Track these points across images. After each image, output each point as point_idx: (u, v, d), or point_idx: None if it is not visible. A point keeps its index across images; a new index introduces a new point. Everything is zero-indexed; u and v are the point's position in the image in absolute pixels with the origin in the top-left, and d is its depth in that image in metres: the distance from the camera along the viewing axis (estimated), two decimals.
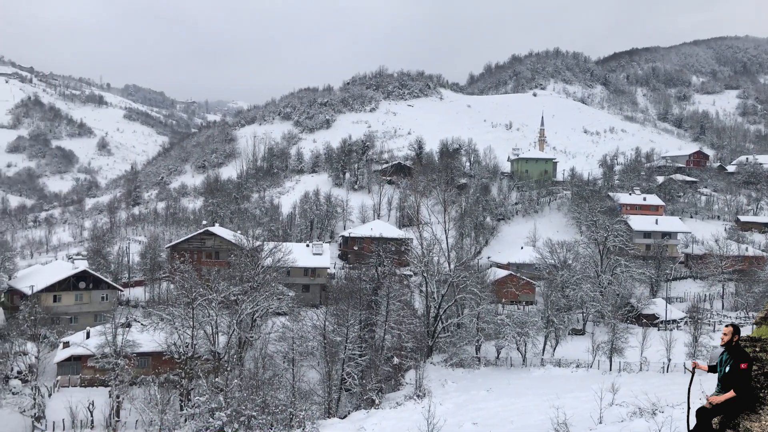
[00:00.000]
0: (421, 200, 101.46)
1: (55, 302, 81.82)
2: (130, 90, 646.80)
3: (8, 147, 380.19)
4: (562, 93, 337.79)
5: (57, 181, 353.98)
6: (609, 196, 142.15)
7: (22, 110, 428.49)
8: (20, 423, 53.53)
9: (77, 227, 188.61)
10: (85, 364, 64.69)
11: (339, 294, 71.28)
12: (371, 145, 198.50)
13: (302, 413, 47.55)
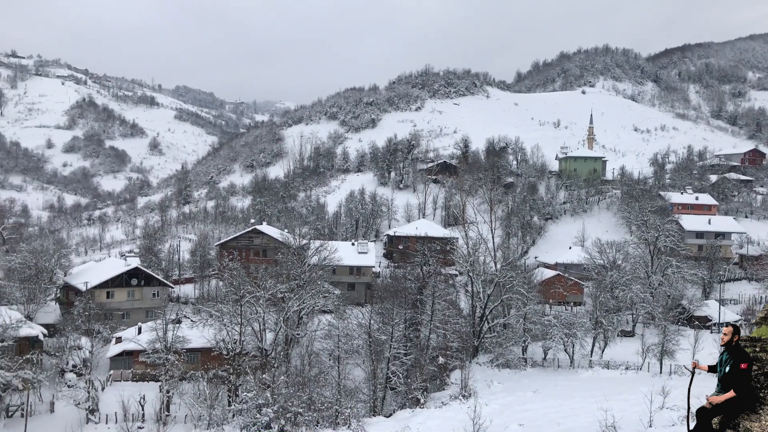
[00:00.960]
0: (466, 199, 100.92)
1: (108, 298, 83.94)
2: (180, 91, 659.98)
3: (64, 147, 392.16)
4: (612, 90, 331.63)
5: (110, 180, 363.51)
6: (660, 196, 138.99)
7: (77, 111, 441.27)
8: (75, 415, 55.14)
9: (130, 225, 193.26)
10: (136, 359, 66.24)
11: (384, 293, 71.40)
12: (416, 144, 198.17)
13: (348, 411, 47.83)
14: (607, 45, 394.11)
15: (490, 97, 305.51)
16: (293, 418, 46.52)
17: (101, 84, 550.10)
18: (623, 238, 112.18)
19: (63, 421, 52.65)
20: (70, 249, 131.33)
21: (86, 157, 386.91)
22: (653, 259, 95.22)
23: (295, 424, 45.98)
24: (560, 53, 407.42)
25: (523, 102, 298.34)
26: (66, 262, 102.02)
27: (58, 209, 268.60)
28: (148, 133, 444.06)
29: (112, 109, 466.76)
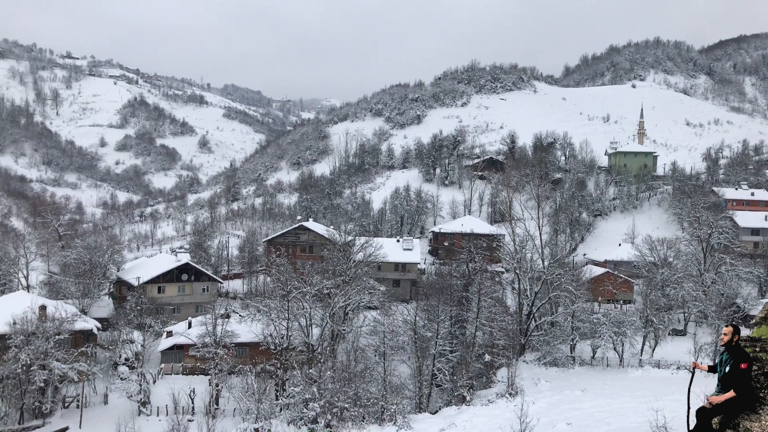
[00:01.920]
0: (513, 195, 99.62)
1: (160, 293, 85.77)
2: (228, 90, 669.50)
3: (117, 145, 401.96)
4: (663, 84, 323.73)
5: (161, 177, 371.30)
6: (713, 191, 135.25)
7: (129, 110, 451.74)
8: (128, 407, 56.57)
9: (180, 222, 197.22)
10: (186, 352, 67.55)
11: (429, 289, 71.28)
12: (462, 140, 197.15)
13: (393, 407, 47.93)
14: (658, 37, 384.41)
15: (537, 92, 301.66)
16: (339, 413, 46.85)
17: (152, 83, 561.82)
18: (675, 235, 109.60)
19: (116, 412, 54.04)
20: (122, 245, 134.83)
21: (138, 155, 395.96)
22: (706, 256, 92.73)
23: (342, 420, 46.30)
24: (609, 46, 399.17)
25: (572, 96, 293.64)
26: (119, 258, 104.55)
27: (111, 206, 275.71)
28: (197, 131, 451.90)
29: (162, 108, 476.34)
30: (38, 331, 53.71)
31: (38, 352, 52.24)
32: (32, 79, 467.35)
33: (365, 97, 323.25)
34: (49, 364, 52.52)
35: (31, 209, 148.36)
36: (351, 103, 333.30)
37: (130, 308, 73.73)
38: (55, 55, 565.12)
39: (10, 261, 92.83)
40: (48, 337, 53.61)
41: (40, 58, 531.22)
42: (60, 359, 53.66)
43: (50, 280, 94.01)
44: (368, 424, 46.04)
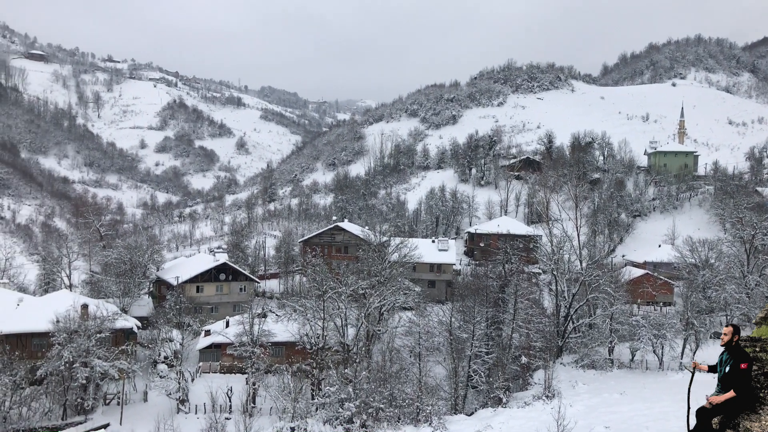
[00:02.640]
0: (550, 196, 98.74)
1: (198, 292, 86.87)
2: (265, 91, 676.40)
3: (156, 147, 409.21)
4: (704, 82, 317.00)
5: (200, 178, 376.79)
6: (757, 191, 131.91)
7: (168, 113, 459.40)
8: (167, 405, 57.43)
9: (218, 222, 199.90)
10: (224, 351, 68.30)
11: (465, 290, 70.85)
12: (498, 140, 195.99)
13: (429, 408, 47.76)
14: (699, 35, 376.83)
15: (575, 91, 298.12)
16: (375, 413, 46.86)
17: (191, 86, 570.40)
18: (716, 236, 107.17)
19: (155, 410, 54.89)
20: (162, 245, 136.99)
21: (177, 156, 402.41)
22: (749, 258, 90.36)
23: (377, 420, 46.30)
24: (649, 44, 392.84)
25: (610, 96, 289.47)
26: (158, 258, 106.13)
27: (151, 207, 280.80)
28: (235, 133, 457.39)
29: (201, 110, 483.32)
30: (80, 330, 54.79)
31: (80, 350, 53.30)
32: (75, 83, 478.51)
33: (400, 98, 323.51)
34: (91, 361, 53.56)
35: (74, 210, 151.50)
36: (386, 103, 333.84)
37: (169, 307, 74.77)
38: (97, 58, 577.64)
39: (54, 261, 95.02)
40: (90, 336, 54.66)
41: (83, 62, 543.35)
42: (101, 357, 54.68)
43: (92, 279, 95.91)
44: (403, 425, 45.95)
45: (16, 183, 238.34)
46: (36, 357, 57.65)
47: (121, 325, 63.55)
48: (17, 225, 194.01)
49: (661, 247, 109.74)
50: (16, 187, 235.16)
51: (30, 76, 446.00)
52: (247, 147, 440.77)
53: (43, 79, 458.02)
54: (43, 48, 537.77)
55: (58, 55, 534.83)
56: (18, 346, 59.40)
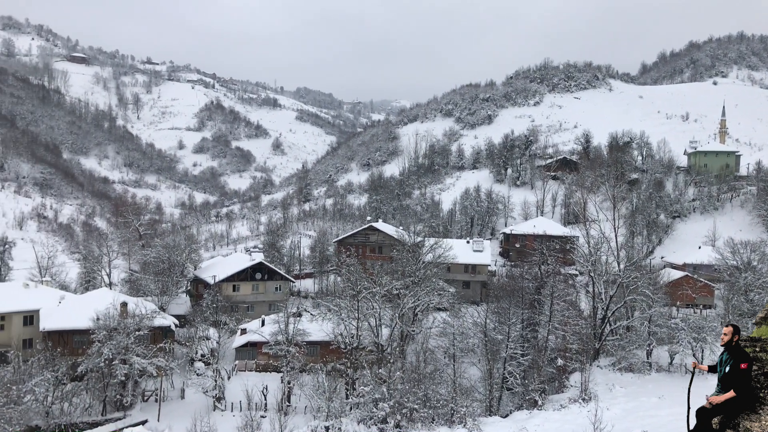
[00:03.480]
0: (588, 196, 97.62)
1: (234, 291, 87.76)
2: (301, 92, 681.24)
3: (194, 148, 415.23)
4: (747, 80, 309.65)
5: (236, 179, 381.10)
6: None
7: (205, 114, 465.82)
8: (203, 402, 58.18)
9: (254, 222, 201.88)
10: (260, 350, 68.88)
11: (500, 292, 70.35)
12: (534, 140, 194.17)
13: (463, 409, 47.50)
14: (742, 32, 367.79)
15: (612, 90, 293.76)
16: (409, 413, 46.78)
17: (228, 87, 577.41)
18: (759, 238, 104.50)
19: (192, 407, 55.63)
20: (199, 244, 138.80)
21: (214, 157, 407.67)
22: None
23: (411, 420, 46.21)
24: (689, 42, 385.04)
25: (649, 95, 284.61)
26: (196, 257, 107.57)
27: (189, 207, 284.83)
28: (271, 133, 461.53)
29: (237, 111, 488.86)
30: (120, 327, 55.78)
31: (120, 347, 54.27)
32: (115, 85, 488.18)
33: (435, 98, 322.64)
34: (130, 358, 54.50)
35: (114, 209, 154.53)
36: (421, 103, 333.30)
37: (206, 306, 75.76)
38: (136, 61, 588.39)
39: (94, 259, 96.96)
40: (129, 333, 55.61)
41: (122, 64, 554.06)
42: (140, 354, 55.58)
43: (131, 277, 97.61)
44: (438, 426, 45.78)
45: (58, 183, 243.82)
46: (77, 354, 58.87)
47: (159, 323, 64.50)
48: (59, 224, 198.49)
49: (702, 249, 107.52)
50: (58, 187, 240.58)
51: (72, 78, 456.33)
52: (282, 148, 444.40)
53: (84, 81, 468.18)
54: (84, 51, 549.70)
55: (99, 58, 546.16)
56: (60, 342, 60.77)
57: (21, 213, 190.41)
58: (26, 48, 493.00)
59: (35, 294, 69.11)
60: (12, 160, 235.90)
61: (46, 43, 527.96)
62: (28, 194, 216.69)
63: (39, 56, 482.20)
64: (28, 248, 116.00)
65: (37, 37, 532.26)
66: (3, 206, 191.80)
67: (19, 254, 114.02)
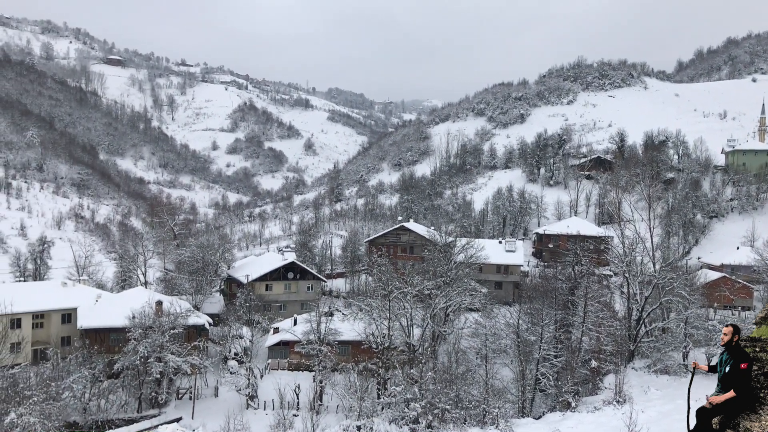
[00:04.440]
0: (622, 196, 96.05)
1: (267, 291, 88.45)
2: (332, 93, 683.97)
3: (228, 149, 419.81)
4: None
5: (269, 179, 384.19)
6: None
7: (239, 115, 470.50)
8: (236, 400, 58.73)
9: (286, 222, 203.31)
10: (292, 349, 69.30)
11: (533, 292, 69.78)
12: (568, 139, 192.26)
13: (495, 410, 47.21)
14: None
15: (648, 89, 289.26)
16: (440, 414, 46.65)
17: (260, 88, 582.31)
18: None
19: (225, 405, 56.17)
20: (233, 244, 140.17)
21: (247, 157, 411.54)
22: None
23: (443, 421, 46.08)
24: (727, 39, 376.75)
25: (685, 93, 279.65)
26: (229, 256, 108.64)
27: (222, 207, 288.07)
28: (303, 134, 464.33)
29: (270, 112, 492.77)
30: (155, 326, 56.56)
31: (155, 345, 55.04)
32: (150, 86, 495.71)
33: (467, 97, 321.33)
34: (165, 356, 55.25)
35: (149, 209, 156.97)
36: (452, 103, 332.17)
37: (240, 305, 76.48)
38: (171, 62, 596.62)
39: (130, 258, 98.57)
40: (164, 331, 56.35)
41: (157, 66, 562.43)
42: (174, 352, 56.32)
43: (166, 276, 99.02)
44: (470, 427, 45.56)
45: (95, 183, 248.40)
46: (113, 351, 59.92)
47: (193, 321, 65.32)
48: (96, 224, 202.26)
49: (740, 250, 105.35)
50: (95, 187, 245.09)
51: (108, 80, 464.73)
52: (314, 148, 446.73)
53: (120, 83, 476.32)
54: (120, 53, 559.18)
55: (135, 60, 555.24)
56: (96, 340, 61.93)
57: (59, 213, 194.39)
58: (64, 51, 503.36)
59: (73, 293, 70.50)
60: (51, 161, 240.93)
61: (83, 46, 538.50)
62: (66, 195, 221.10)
63: (76, 59, 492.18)
64: (66, 248, 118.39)
65: (74, 40, 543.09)
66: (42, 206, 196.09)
67: (58, 253, 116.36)
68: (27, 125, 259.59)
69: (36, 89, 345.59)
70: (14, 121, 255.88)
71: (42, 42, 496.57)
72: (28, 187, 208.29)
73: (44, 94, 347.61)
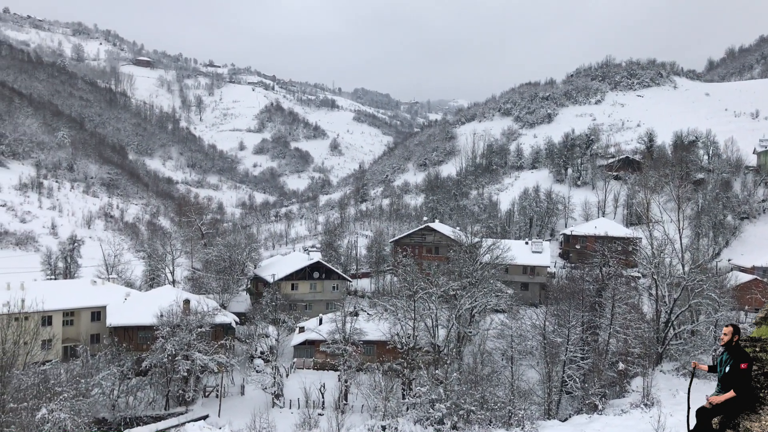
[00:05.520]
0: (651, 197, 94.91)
1: (293, 290, 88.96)
2: (358, 93, 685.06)
3: (254, 149, 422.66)
4: None
5: (295, 179, 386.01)
6: None
7: (265, 115, 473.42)
8: (262, 399, 59.16)
9: (312, 222, 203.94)
10: (317, 348, 69.60)
11: (560, 294, 69.23)
12: (596, 139, 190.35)
13: (521, 412, 46.97)
14: None
15: (677, 88, 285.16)
16: (466, 415, 46.52)
17: (287, 89, 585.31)
18: None
19: (252, 403, 56.63)
20: (259, 243, 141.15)
21: (274, 158, 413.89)
22: None
23: (468, 422, 45.95)
24: (759, 37, 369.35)
25: (716, 92, 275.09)
26: (256, 256, 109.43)
27: (249, 206, 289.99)
28: (328, 134, 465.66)
29: (296, 113, 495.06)
30: (182, 324, 57.20)
31: (182, 344, 55.66)
32: (178, 87, 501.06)
33: (493, 97, 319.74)
34: (192, 354, 55.83)
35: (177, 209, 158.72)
36: (479, 103, 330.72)
37: (266, 304, 76.98)
38: (199, 64, 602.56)
39: (158, 257, 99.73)
40: (191, 330, 56.97)
41: (186, 67, 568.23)
42: (201, 351, 56.90)
43: (193, 275, 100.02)
44: (495, 428, 45.39)
45: (124, 183, 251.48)
46: (141, 349, 60.71)
47: (220, 320, 65.93)
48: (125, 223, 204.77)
49: None
50: (124, 187, 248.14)
51: (137, 81, 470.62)
52: (340, 148, 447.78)
53: (149, 84, 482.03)
54: (149, 54, 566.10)
55: (163, 61, 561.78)
56: (125, 338, 62.80)
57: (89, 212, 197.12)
58: (94, 53, 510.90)
59: (102, 291, 71.58)
60: (81, 161, 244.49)
61: (113, 47, 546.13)
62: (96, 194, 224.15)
63: (106, 60, 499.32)
64: (96, 246, 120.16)
65: (104, 41, 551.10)
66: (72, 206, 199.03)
67: (87, 252, 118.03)
68: (58, 126, 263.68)
69: (67, 90, 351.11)
70: (46, 122, 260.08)
71: (73, 44, 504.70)
72: (59, 187, 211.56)
73: (75, 95, 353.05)
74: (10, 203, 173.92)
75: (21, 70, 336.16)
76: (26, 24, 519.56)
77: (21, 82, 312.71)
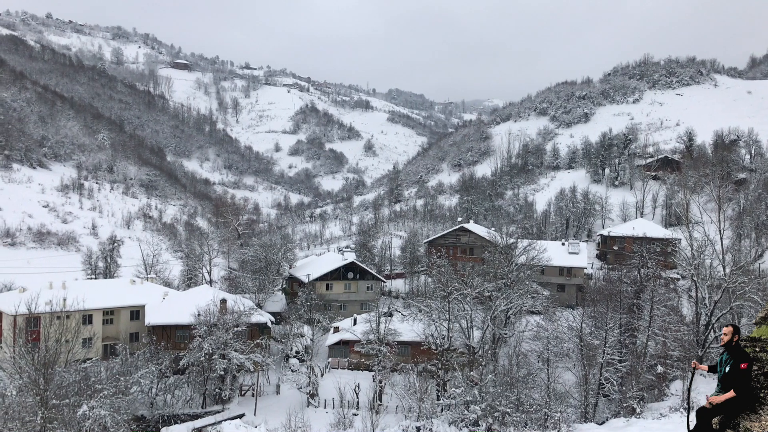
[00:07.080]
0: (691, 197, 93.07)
1: (328, 290, 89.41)
2: (392, 94, 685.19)
3: (290, 150, 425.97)
4: None
5: (329, 180, 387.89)
6: None
7: (300, 117, 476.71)
8: (297, 398, 59.55)
9: (346, 222, 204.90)
10: (352, 348, 69.82)
11: (597, 295, 68.35)
12: (634, 139, 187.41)
13: (557, 415, 46.46)
14: None
15: (718, 86, 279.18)
16: (501, 417, 46.21)
17: (322, 90, 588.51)
18: None
19: (287, 402, 57.01)
20: (294, 244, 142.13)
21: (308, 159, 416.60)
22: None
23: (503, 424, 45.64)
24: None
25: (758, 90, 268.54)
26: (291, 256, 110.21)
27: (284, 207, 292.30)
28: (363, 135, 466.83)
29: (331, 114, 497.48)
30: (219, 323, 57.85)
31: (219, 343, 56.30)
32: (215, 90, 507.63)
33: (529, 96, 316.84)
34: (228, 354, 56.45)
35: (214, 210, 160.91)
36: (514, 102, 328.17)
37: (301, 303, 77.49)
38: (235, 66, 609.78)
39: (196, 257, 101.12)
40: (228, 329, 57.58)
41: (222, 70, 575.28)
42: (238, 350, 57.50)
43: (230, 275, 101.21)
44: (531, 431, 45.00)
45: (162, 184, 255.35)
46: (179, 348, 61.58)
47: (256, 319, 66.54)
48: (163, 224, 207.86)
49: None
50: (163, 188, 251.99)
51: (175, 84, 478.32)
52: (374, 149, 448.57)
53: (186, 86, 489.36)
54: (186, 57, 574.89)
55: (200, 64, 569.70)
56: (163, 336, 63.78)
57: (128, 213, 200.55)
58: (133, 56, 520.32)
59: (141, 290, 72.82)
60: (120, 162, 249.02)
61: (151, 51, 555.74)
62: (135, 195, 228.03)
63: (145, 63, 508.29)
64: (135, 246, 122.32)
65: (143, 45, 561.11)
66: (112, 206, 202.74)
67: (127, 252, 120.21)
68: (98, 128, 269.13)
69: (107, 93, 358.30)
70: (86, 124, 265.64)
71: (112, 47, 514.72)
72: (99, 188, 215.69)
73: (114, 97, 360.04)
74: (52, 204, 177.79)
75: (63, 74, 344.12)
76: (68, 29, 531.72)
77: (63, 86, 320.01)
